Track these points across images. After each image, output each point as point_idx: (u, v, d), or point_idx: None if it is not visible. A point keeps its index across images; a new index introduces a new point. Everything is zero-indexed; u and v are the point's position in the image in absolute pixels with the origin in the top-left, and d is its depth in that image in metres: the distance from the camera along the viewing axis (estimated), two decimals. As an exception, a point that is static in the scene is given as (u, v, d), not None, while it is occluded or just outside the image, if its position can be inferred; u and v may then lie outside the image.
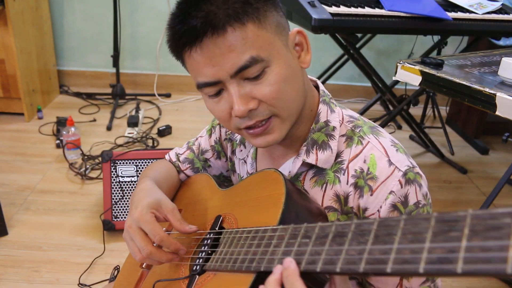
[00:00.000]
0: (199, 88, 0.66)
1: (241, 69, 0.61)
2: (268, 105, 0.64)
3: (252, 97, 0.64)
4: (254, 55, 0.61)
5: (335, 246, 0.46)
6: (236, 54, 0.61)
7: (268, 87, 0.63)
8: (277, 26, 0.65)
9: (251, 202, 0.69)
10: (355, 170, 0.68)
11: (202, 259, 0.69)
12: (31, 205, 1.91)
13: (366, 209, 0.67)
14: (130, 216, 0.72)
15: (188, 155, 0.95)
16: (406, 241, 0.39)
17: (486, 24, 1.97)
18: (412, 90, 3.06)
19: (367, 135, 0.70)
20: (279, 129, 0.67)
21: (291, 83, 0.65)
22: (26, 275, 1.54)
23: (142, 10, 3.03)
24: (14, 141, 2.43)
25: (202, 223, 0.78)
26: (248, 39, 0.61)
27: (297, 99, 0.67)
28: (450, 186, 2.29)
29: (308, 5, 1.77)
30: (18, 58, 2.49)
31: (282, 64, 0.64)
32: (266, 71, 0.63)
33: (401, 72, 1.47)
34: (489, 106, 1.19)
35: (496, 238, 0.33)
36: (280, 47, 0.65)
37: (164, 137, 2.58)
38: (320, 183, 0.71)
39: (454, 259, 0.35)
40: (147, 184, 0.80)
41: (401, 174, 0.65)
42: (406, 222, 0.41)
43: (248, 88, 0.63)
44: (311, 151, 0.71)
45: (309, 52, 0.70)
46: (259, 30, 0.62)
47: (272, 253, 0.54)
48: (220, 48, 0.60)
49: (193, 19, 0.60)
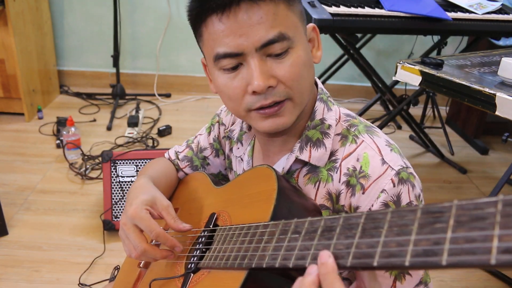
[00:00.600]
0: (216, 59, 0.64)
1: (268, 43, 0.61)
2: (286, 86, 0.64)
3: (272, 75, 0.63)
4: (283, 32, 0.62)
5: (323, 241, 0.46)
6: (266, 28, 0.61)
7: (289, 68, 0.63)
8: (301, 14, 0.67)
9: (244, 198, 0.69)
10: (348, 168, 0.68)
11: (196, 257, 0.69)
12: (31, 205, 1.91)
13: (358, 208, 0.66)
14: (124, 213, 0.72)
15: (187, 153, 0.96)
16: (392, 234, 0.39)
17: (486, 24, 1.97)
18: (412, 90, 3.06)
19: (361, 134, 0.70)
20: (290, 113, 0.67)
21: (309, 70, 0.67)
22: (26, 275, 1.54)
23: (142, 10, 3.03)
24: (14, 141, 2.43)
25: (198, 221, 0.78)
26: (279, 15, 0.62)
27: (310, 87, 0.69)
28: (450, 186, 2.29)
29: (308, 5, 1.77)
30: (18, 58, 2.49)
31: (303, 49, 0.66)
32: (290, 52, 0.63)
33: (401, 72, 1.47)
34: (489, 106, 1.19)
35: (480, 228, 0.33)
36: (302, 34, 0.67)
37: (164, 137, 2.58)
38: (313, 181, 0.71)
39: (439, 251, 0.34)
40: (142, 181, 0.80)
41: (394, 173, 0.65)
42: (392, 214, 0.40)
43: (270, 64, 0.63)
44: (305, 148, 0.71)
45: (319, 49, 0.72)
46: (288, 11, 0.63)
47: (263, 249, 0.54)
48: (251, 19, 0.60)
49: None
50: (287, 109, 0.66)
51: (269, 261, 0.51)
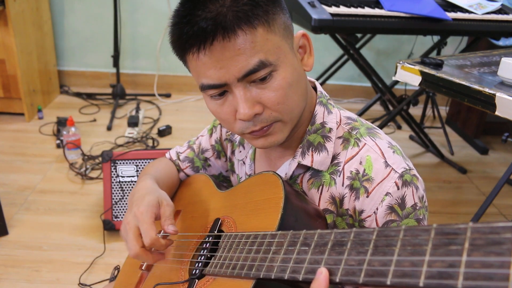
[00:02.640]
0: (203, 89, 0.65)
1: (249, 73, 0.61)
2: (273, 110, 0.64)
3: (258, 101, 0.63)
4: (263, 59, 0.60)
5: (334, 255, 0.46)
6: (245, 58, 0.60)
7: (274, 93, 0.62)
8: (284, 29, 0.64)
9: (250, 205, 0.69)
10: (351, 171, 0.68)
11: (201, 263, 0.69)
12: (32, 205, 1.91)
13: (362, 211, 0.66)
14: (130, 212, 0.73)
15: (189, 154, 0.96)
16: (406, 253, 0.39)
17: (485, 24, 1.98)
18: (412, 90, 3.07)
19: (363, 137, 0.70)
20: (281, 131, 0.67)
21: (296, 87, 0.65)
22: (26, 275, 1.54)
23: (142, 10, 3.04)
24: (15, 141, 2.43)
25: (201, 226, 0.78)
26: (258, 43, 0.60)
27: (300, 103, 0.67)
28: (450, 186, 2.29)
29: (308, 5, 1.77)
30: (19, 58, 2.49)
31: (288, 68, 0.64)
32: (273, 75, 0.62)
33: (401, 72, 1.47)
34: (489, 106, 1.19)
35: (497, 253, 0.32)
36: (287, 51, 0.64)
37: (164, 137, 2.58)
38: (316, 185, 0.71)
39: (455, 274, 0.34)
40: (147, 182, 0.81)
41: (397, 175, 0.65)
42: (405, 233, 0.40)
43: (254, 91, 0.63)
44: (307, 153, 0.71)
45: (311, 55, 0.70)
46: (268, 34, 0.61)
47: (271, 260, 0.53)
48: (229, 51, 0.59)
49: (202, 21, 0.58)
50: (277, 128, 0.67)
51: (278, 272, 0.51)
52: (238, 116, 0.64)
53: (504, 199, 2.14)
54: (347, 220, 0.69)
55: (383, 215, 0.65)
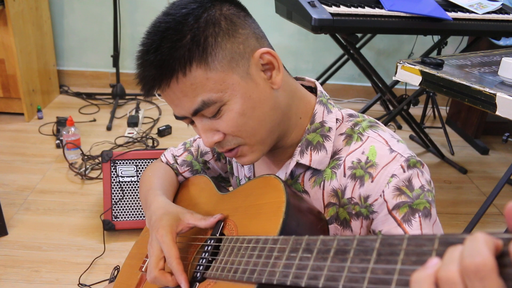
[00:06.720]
0: (176, 117, 0.70)
1: (195, 112, 0.64)
2: (233, 136, 0.66)
3: (216, 130, 0.66)
4: (205, 99, 0.62)
5: (337, 262, 0.45)
6: (189, 99, 0.63)
7: (226, 123, 0.65)
8: (230, 61, 0.62)
9: (251, 208, 0.69)
10: (352, 161, 0.68)
11: (202, 266, 0.69)
12: (31, 205, 1.91)
13: (368, 197, 0.66)
14: (151, 238, 0.73)
15: (186, 157, 0.94)
16: (409, 262, 0.38)
17: (486, 24, 1.97)
18: (412, 90, 3.06)
19: (366, 131, 0.70)
20: (251, 152, 0.69)
21: (253, 112, 0.64)
22: (26, 275, 1.54)
23: (142, 10, 3.03)
24: (14, 141, 2.43)
25: (202, 228, 0.78)
26: (197, 84, 0.62)
27: (264, 124, 0.66)
28: (450, 186, 2.29)
29: (308, 5, 1.77)
30: (18, 58, 2.49)
31: (238, 99, 0.63)
32: (222, 109, 0.64)
33: (401, 72, 1.47)
34: (489, 106, 1.19)
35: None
36: (236, 81, 0.63)
37: (164, 137, 2.58)
38: (318, 182, 0.71)
39: None
40: (159, 201, 0.80)
41: (403, 159, 0.65)
42: (409, 242, 0.40)
43: (210, 122, 0.66)
44: (306, 152, 0.71)
45: (280, 71, 0.66)
46: (207, 73, 0.61)
47: (273, 265, 0.53)
48: (175, 93, 0.63)
49: (147, 69, 0.64)
50: (245, 150, 0.68)
51: (280, 277, 0.51)
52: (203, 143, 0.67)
53: (504, 199, 2.13)
54: (349, 209, 0.68)
55: (392, 197, 0.64)
